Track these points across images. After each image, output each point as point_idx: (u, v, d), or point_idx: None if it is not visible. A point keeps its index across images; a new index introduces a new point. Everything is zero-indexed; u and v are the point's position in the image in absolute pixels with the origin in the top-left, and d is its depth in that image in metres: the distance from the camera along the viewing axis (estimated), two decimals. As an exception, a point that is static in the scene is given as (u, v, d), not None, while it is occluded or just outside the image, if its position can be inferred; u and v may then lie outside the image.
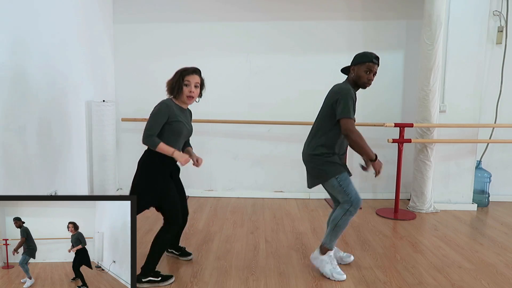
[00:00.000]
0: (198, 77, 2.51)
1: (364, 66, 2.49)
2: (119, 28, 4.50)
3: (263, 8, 4.46)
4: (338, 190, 2.53)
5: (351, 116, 2.41)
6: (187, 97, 2.45)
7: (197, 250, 3.01)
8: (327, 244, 2.60)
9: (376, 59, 2.51)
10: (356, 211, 2.52)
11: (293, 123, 4.45)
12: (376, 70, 2.52)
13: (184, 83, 2.44)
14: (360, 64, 2.51)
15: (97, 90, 4.10)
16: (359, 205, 2.51)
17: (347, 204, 2.51)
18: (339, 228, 2.55)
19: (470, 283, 2.54)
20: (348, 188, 2.51)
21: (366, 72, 2.50)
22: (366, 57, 2.50)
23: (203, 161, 2.70)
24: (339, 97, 2.44)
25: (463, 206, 4.24)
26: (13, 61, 2.70)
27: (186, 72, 2.46)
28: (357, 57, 2.55)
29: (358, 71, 2.51)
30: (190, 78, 2.45)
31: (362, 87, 2.56)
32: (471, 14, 4.03)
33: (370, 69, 2.49)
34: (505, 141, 4.45)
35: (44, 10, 3.09)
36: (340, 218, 2.52)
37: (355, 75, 2.53)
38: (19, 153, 2.77)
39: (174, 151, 2.37)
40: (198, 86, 2.51)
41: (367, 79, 2.51)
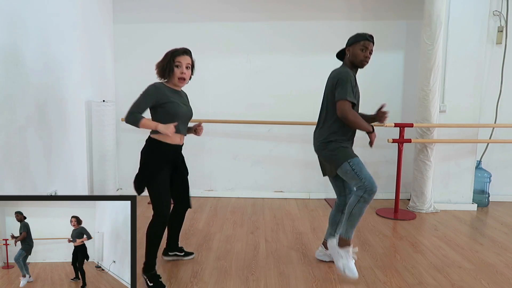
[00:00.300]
0: (189, 58, 2.43)
1: (359, 45, 2.50)
2: (119, 28, 4.50)
3: (263, 8, 4.46)
4: (351, 175, 2.45)
5: (347, 98, 2.39)
6: (179, 79, 2.39)
7: (197, 250, 3.01)
8: (344, 234, 2.50)
9: (370, 37, 2.51)
10: (371, 198, 2.41)
11: (293, 123, 4.45)
12: (371, 48, 2.51)
13: (175, 64, 2.36)
14: (355, 43, 2.51)
15: (97, 90, 4.10)
16: (373, 191, 2.40)
17: (361, 190, 2.41)
18: (354, 217, 2.44)
19: (470, 283, 2.54)
20: (361, 172, 2.42)
21: (362, 50, 2.49)
22: (360, 36, 2.51)
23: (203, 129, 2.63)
24: (337, 80, 2.45)
25: (463, 206, 4.24)
26: (13, 61, 2.70)
27: (176, 53, 2.38)
28: (351, 38, 2.56)
29: (353, 50, 2.52)
30: (181, 59, 2.37)
31: (360, 66, 2.55)
32: (471, 14, 4.03)
33: (366, 46, 2.49)
34: (505, 141, 4.45)
35: (44, 10, 3.09)
36: (354, 205, 2.43)
37: (351, 55, 2.53)
38: (19, 153, 2.77)
39: (157, 125, 2.27)
40: (190, 67, 2.44)
41: (364, 56, 2.50)
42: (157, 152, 2.37)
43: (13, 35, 2.70)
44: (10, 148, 2.67)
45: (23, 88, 2.81)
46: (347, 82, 2.41)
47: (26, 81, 2.84)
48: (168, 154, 2.41)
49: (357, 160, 2.47)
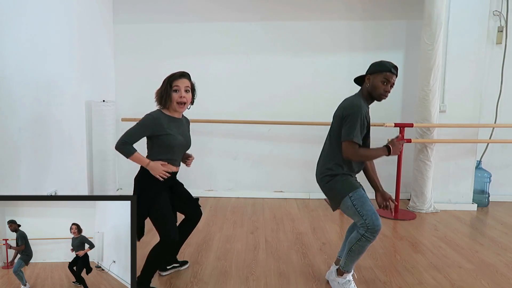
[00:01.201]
0: (188, 81, 2.30)
1: (381, 76, 2.24)
2: (119, 28, 4.50)
3: (263, 8, 4.46)
4: (352, 211, 2.24)
5: (353, 139, 2.18)
6: (178, 104, 2.26)
7: (197, 250, 3.01)
8: (343, 267, 2.34)
9: (394, 69, 2.27)
10: (374, 237, 2.18)
11: (293, 123, 4.45)
12: (394, 81, 2.26)
13: (173, 89, 2.25)
14: (377, 73, 2.25)
15: (97, 90, 4.10)
16: (376, 230, 2.17)
17: (363, 228, 2.19)
18: (354, 254, 2.26)
19: (470, 283, 2.54)
20: (362, 208, 2.20)
21: (383, 83, 2.24)
22: (384, 66, 2.25)
23: (193, 158, 2.52)
24: (348, 114, 2.22)
25: (463, 206, 4.24)
26: (12, 61, 2.70)
27: (173, 77, 2.27)
28: (374, 66, 2.29)
29: (374, 81, 2.26)
30: (178, 82, 2.25)
31: (378, 99, 2.30)
32: (471, 14, 4.03)
33: (388, 79, 2.23)
34: (505, 141, 4.45)
35: (45, 10, 3.09)
36: (354, 243, 2.23)
37: (371, 86, 2.27)
38: (19, 153, 2.77)
39: (148, 163, 2.21)
40: (189, 90, 2.30)
41: (384, 90, 2.24)
42: (152, 180, 2.27)
43: (12, 35, 2.69)
44: (10, 148, 2.67)
45: (23, 88, 2.81)
46: (357, 120, 2.18)
47: (26, 81, 2.84)
48: (166, 181, 2.30)
49: (359, 193, 2.25)
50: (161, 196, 2.28)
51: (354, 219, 2.29)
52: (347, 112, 2.23)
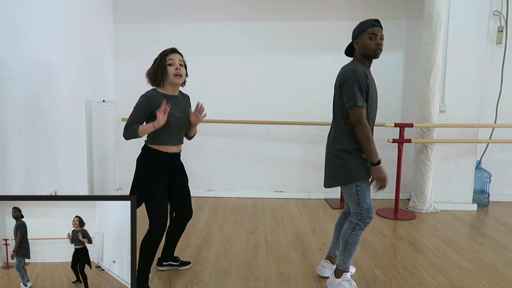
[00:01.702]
0: (180, 56, 2.31)
1: (366, 34, 2.20)
2: (119, 28, 4.50)
3: (263, 8, 4.46)
4: (353, 199, 2.26)
5: (358, 104, 2.12)
6: (175, 76, 2.24)
7: (197, 250, 3.01)
8: (341, 265, 2.33)
9: (376, 22, 2.22)
10: (366, 225, 2.26)
11: (293, 123, 4.45)
12: (381, 33, 2.21)
13: (168, 63, 2.24)
14: (361, 33, 2.22)
15: (97, 90, 4.10)
16: (369, 220, 2.25)
17: (356, 217, 2.26)
18: (351, 246, 2.28)
19: (470, 283, 2.54)
20: (363, 200, 2.23)
21: (371, 39, 2.19)
22: (365, 23, 2.22)
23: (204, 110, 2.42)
24: (345, 80, 2.18)
25: (463, 206, 4.24)
26: (12, 61, 2.69)
27: (166, 52, 2.28)
28: (356, 29, 2.27)
29: (361, 41, 2.22)
30: (172, 56, 2.26)
31: (374, 56, 2.24)
32: (471, 14, 4.03)
33: (375, 33, 2.19)
34: (505, 141, 4.45)
35: (44, 10, 3.09)
36: (349, 234, 2.27)
37: (361, 47, 2.23)
38: (19, 153, 2.77)
39: (153, 123, 2.16)
40: (183, 65, 2.31)
41: (375, 44, 2.19)
42: (153, 160, 2.28)
43: (12, 35, 2.69)
44: (10, 148, 2.67)
45: (22, 88, 2.81)
46: (354, 84, 2.13)
47: (26, 81, 2.84)
48: (165, 162, 2.30)
49: (365, 185, 2.25)
50: (160, 181, 2.27)
51: (350, 205, 2.31)
52: (343, 79, 2.20)
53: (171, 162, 2.35)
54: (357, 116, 2.14)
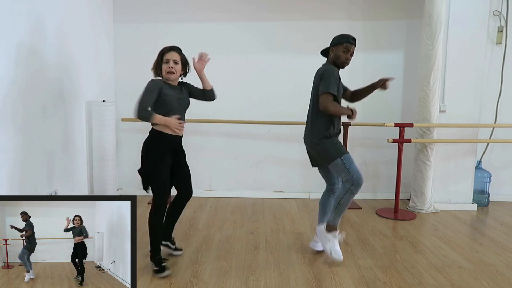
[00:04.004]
0: (177, 54, 2.60)
1: (341, 47, 2.69)
2: (119, 28, 4.50)
3: (263, 7, 4.46)
4: (341, 168, 2.65)
5: (329, 91, 2.57)
6: (167, 73, 2.56)
7: (197, 250, 3.01)
8: (332, 221, 2.72)
9: (353, 40, 2.70)
10: (357, 190, 2.63)
11: (293, 123, 4.44)
12: (353, 50, 2.71)
13: (164, 61, 2.57)
14: (338, 45, 2.70)
15: (97, 90, 4.10)
16: (360, 183, 2.61)
17: (349, 182, 2.62)
18: (342, 207, 2.67)
19: (470, 283, 2.54)
20: (350, 167, 2.63)
21: (344, 52, 2.68)
22: (343, 38, 2.69)
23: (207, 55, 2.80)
24: (322, 74, 2.65)
25: (463, 206, 4.24)
26: (12, 61, 2.70)
27: (163, 51, 2.60)
28: (335, 39, 2.74)
29: (336, 51, 2.71)
30: (168, 55, 2.57)
31: (341, 67, 2.74)
32: (471, 14, 4.03)
33: (348, 49, 2.68)
34: (505, 141, 4.44)
35: (44, 10, 3.09)
36: (342, 196, 2.65)
37: (334, 56, 2.72)
38: (20, 153, 2.77)
39: (167, 120, 2.49)
40: (178, 62, 2.59)
41: (345, 58, 2.69)
42: (160, 143, 2.55)
43: (12, 35, 2.70)
44: (10, 148, 2.67)
45: (23, 89, 2.81)
46: (331, 76, 2.60)
47: (26, 81, 2.84)
48: (170, 144, 2.59)
49: (348, 156, 2.67)
50: (164, 161, 2.55)
51: (341, 175, 2.69)
52: (324, 73, 2.64)
53: (175, 144, 2.66)
54: (327, 101, 2.58)
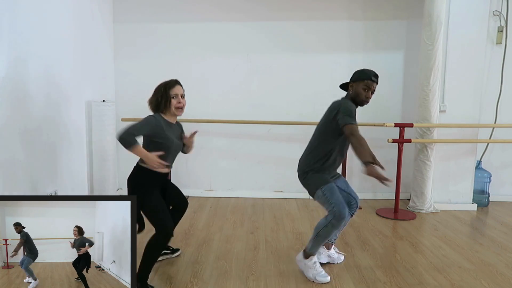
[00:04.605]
0: (182, 88, 2.48)
1: (362, 84, 2.49)
2: (119, 27, 4.50)
3: (263, 8, 4.46)
4: (322, 200, 2.53)
5: (352, 122, 2.35)
6: (176, 109, 2.41)
7: (197, 250, 3.01)
8: (309, 249, 2.57)
9: (375, 77, 2.51)
10: (339, 224, 2.45)
11: (293, 123, 4.45)
12: (374, 88, 2.52)
13: (172, 96, 2.40)
14: (358, 81, 2.50)
15: (97, 90, 4.10)
16: (341, 217, 2.42)
17: (330, 215, 2.46)
18: (320, 238, 2.51)
19: (470, 283, 2.54)
20: (332, 198, 2.47)
21: (364, 90, 2.49)
22: (365, 75, 2.50)
23: (196, 134, 2.62)
24: (339, 105, 2.44)
25: (463, 206, 4.24)
26: (12, 61, 2.69)
27: (170, 85, 2.42)
28: (356, 74, 2.55)
29: (356, 88, 2.51)
30: (175, 90, 2.42)
31: (360, 105, 2.55)
32: (471, 14, 4.03)
33: (369, 86, 2.49)
34: (505, 141, 4.45)
35: (44, 10, 3.09)
36: (321, 228, 2.48)
37: (354, 92, 2.53)
38: (19, 153, 2.77)
39: (147, 155, 2.25)
40: (184, 96, 2.48)
41: (365, 96, 2.50)
42: (145, 179, 2.37)
43: (12, 35, 2.69)
44: (10, 148, 2.67)
45: (23, 89, 2.81)
46: (349, 108, 2.39)
47: (26, 81, 2.84)
48: (156, 181, 2.41)
49: (330, 186, 2.51)
50: (153, 193, 2.38)
51: (324, 206, 2.54)
52: (339, 107, 2.43)
53: (163, 180, 2.52)
54: (352, 129, 2.34)
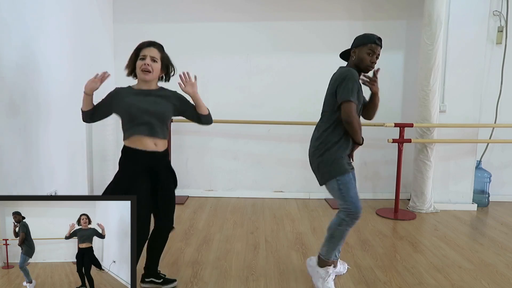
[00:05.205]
0: (156, 51, 2.15)
1: (366, 48, 2.28)
2: (119, 27, 4.50)
3: (262, 8, 4.46)
4: (337, 194, 2.28)
5: (350, 99, 2.18)
6: (142, 71, 2.12)
7: (197, 250, 3.01)
8: (324, 255, 2.36)
9: (379, 40, 2.30)
10: (354, 222, 2.25)
11: (293, 123, 4.45)
12: (379, 52, 2.31)
13: (140, 57, 2.13)
14: (362, 46, 2.29)
15: (97, 90, 4.08)
16: (357, 216, 2.24)
17: (344, 212, 2.25)
18: (335, 240, 2.31)
19: (470, 283, 2.54)
20: (348, 194, 2.24)
21: (368, 54, 2.28)
22: (368, 38, 2.29)
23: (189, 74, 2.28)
24: (342, 79, 2.23)
25: (463, 206, 4.24)
26: (12, 61, 2.69)
27: (141, 45, 2.16)
28: (358, 39, 2.33)
29: (359, 53, 2.30)
30: (145, 51, 2.13)
31: (365, 71, 2.34)
32: (471, 14, 4.03)
33: (373, 50, 2.27)
34: (505, 141, 4.45)
35: (44, 9, 3.09)
36: (335, 228, 2.28)
37: (357, 58, 2.31)
38: (19, 153, 2.77)
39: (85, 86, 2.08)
40: (157, 60, 2.15)
41: (370, 61, 2.29)
42: (130, 160, 2.11)
43: (12, 35, 2.69)
44: (10, 148, 2.67)
45: (22, 88, 2.80)
46: (351, 81, 2.20)
47: (26, 81, 2.84)
48: (143, 161, 2.08)
49: (347, 178, 2.26)
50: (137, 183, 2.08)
51: (337, 202, 2.32)
52: (342, 76, 2.25)
53: (151, 161, 2.15)
54: (349, 110, 2.19)
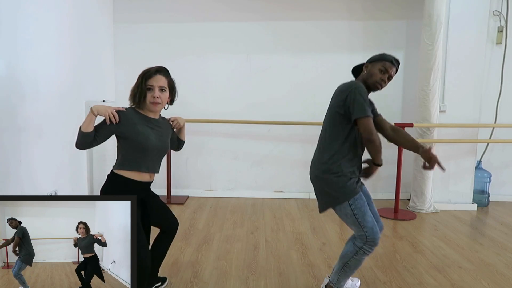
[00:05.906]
0: (164, 79, 2.04)
1: (379, 64, 2.08)
2: (119, 27, 4.50)
3: (263, 8, 4.46)
4: (351, 220, 2.05)
5: (367, 114, 1.96)
6: (151, 104, 2.00)
7: (197, 250, 3.01)
8: (335, 283, 2.18)
9: (395, 62, 2.11)
10: (372, 250, 2.05)
11: (293, 123, 4.45)
12: (392, 73, 2.11)
13: (147, 87, 2.00)
14: (376, 62, 2.11)
15: (97, 90, 4.10)
16: (375, 243, 2.03)
17: (361, 240, 2.04)
18: (349, 269, 2.12)
19: (470, 283, 2.54)
20: (363, 219, 2.02)
21: (380, 71, 2.07)
22: (387, 57, 2.10)
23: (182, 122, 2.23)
24: (348, 94, 2.00)
25: (463, 206, 4.24)
26: (12, 61, 2.70)
27: (148, 74, 2.03)
28: (375, 56, 2.15)
29: (372, 68, 2.10)
30: (152, 81, 2.00)
31: (372, 88, 2.12)
32: (471, 14, 4.04)
33: (387, 69, 2.07)
34: (505, 141, 4.45)
35: (44, 9, 3.09)
36: (351, 257, 2.08)
37: (367, 73, 2.11)
38: (19, 153, 2.77)
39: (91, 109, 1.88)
40: (166, 89, 2.03)
41: (380, 79, 2.08)
42: (120, 191, 2.00)
43: (12, 35, 2.70)
44: (10, 148, 2.67)
45: (22, 89, 2.81)
46: (360, 94, 1.98)
47: (26, 81, 2.84)
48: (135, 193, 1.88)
49: (360, 201, 2.05)
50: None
51: (352, 228, 2.11)
52: (347, 92, 2.01)
53: (143, 192, 2.07)
54: (369, 127, 1.97)
